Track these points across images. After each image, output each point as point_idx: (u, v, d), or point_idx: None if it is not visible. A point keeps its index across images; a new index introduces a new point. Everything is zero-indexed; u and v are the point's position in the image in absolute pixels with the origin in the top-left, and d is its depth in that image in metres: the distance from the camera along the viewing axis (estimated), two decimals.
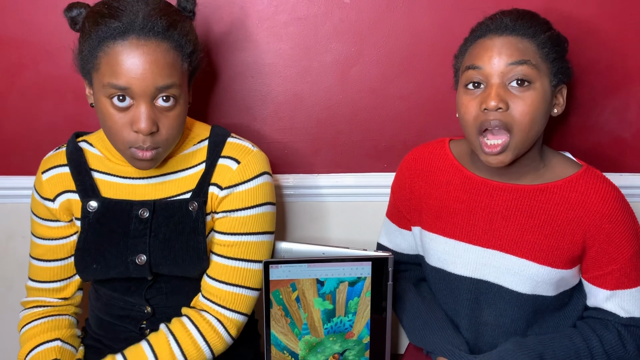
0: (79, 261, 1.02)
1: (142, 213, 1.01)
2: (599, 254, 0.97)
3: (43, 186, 1.04)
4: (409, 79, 1.21)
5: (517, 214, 0.98)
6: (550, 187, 0.98)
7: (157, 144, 0.92)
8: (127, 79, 0.88)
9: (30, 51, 1.21)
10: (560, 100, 0.98)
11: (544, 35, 0.93)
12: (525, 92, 0.91)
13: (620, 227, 0.95)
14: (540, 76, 0.92)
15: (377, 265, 0.97)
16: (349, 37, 1.19)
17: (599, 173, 0.99)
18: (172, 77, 0.91)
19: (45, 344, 1.04)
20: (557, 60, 0.94)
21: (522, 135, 0.92)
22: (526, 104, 0.91)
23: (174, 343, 0.99)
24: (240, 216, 1.01)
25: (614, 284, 0.97)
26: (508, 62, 0.91)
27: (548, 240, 0.97)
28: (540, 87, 0.92)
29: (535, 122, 0.92)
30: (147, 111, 0.89)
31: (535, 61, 0.91)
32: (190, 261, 1.01)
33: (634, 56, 1.18)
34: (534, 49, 0.92)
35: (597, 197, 0.95)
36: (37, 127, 1.27)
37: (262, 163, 1.03)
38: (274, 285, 0.97)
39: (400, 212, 1.12)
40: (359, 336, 1.02)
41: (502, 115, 0.91)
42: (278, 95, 1.23)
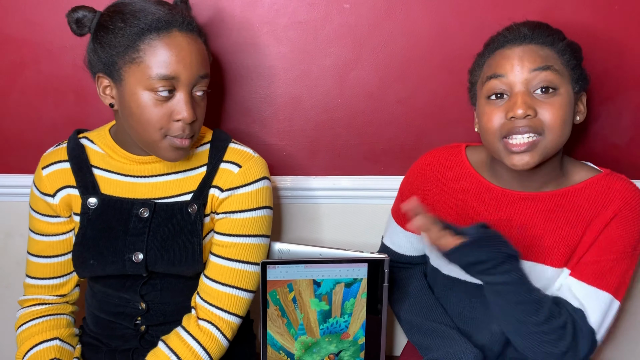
0: (76, 257, 1.03)
1: (143, 212, 1.02)
2: (597, 242, 0.95)
3: (43, 181, 1.05)
4: (406, 84, 1.22)
5: (535, 221, 0.98)
6: (571, 191, 0.98)
7: (194, 132, 0.97)
8: (176, 68, 0.92)
9: (32, 50, 1.22)
10: (582, 108, 0.97)
11: (562, 42, 0.93)
12: (552, 98, 0.91)
13: (627, 225, 0.94)
14: (564, 82, 0.92)
15: (373, 266, 0.98)
16: (348, 41, 1.20)
17: (623, 176, 0.98)
18: (208, 68, 0.98)
19: (44, 343, 1.05)
20: (577, 68, 0.94)
21: (553, 137, 0.91)
22: (555, 108, 0.90)
23: (175, 357, 0.99)
24: (239, 218, 1.03)
25: (583, 274, 0.95)
26: (532, 68, 0.90)
27: (566, 242, 0.97)
28: (565, 92, 0.92)
29: (566, 125, 0.92)
30: (191, 100, 0.95)
31: (558, 67, 0.91)
32: (185, 262, 1.02)
33: (627, 63, 1.19)
34: (555, 56, 0.92)
35: (617, 194, 0.95)
36: (37, 126, 1.27)
37: (263, 168, 1.05)
38: (271, 286, 0.98)
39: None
40: (355, 337, 1.03)
41: (531, 121, 0.90)
42: (277, 98, 1.24)
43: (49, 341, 1.05)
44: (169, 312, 1.07)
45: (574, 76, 0.94)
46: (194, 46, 0.94)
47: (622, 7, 1.16)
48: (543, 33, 0.93)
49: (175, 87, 0.93)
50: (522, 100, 0.90)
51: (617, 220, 0.94)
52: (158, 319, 1.08)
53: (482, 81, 0.96)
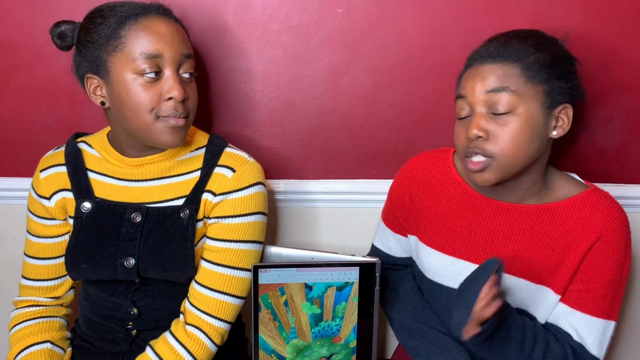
0: (69, 260, 1.03)
1: (135, 217, 1.02)
2: (582, 268, 0.95)
3: (40, 184, 1.06)
4: (399, 88, 1.23)
5: (518, 234, 0.98)
6: (553, 207, 0.97)
7: (187, 112, 0.98)
8: (159, 46, 0.94)
9: (25, 54, 1.22)
10: (564, 122, 0.94)
11: (532, 57, 0.90)
12: (506, 119, 0.90)
13: (611, 249, 0.93)
14: (524, 101, 0.90)
15: (364, 270, 0.99)
16: (341, 46, 1.21)
17: (607, 194, 0.97)
18: (191, 49, 0.99)
19: (35, 345, 1.05)
20: (551, 80, 0.91)
21: (505, 160, 0.91)
22: (506, 131, 0.90)
23: None
24: (231, 223, 1.03)
25: (577, 303, 0.96)
26: (486, 89, 0.90)
27: (547, 261, 0.97)
28: (525, 112, 0.90)
29: (520, 149, 0.90)
30: (178, 78, 0.96)
31: (516, 86, 0.89)
32: (177, 267, 1.02)
33: (618, 69, 1.20)
34: (517, 73, 0.90)
35: (599, 216, 0.93)
36: (30, 129, 1.28)
37: (257, 173, 1.05)
38: (262, 289, 0.98)
39: (397, 219, 1.12)
40: (346, 340, 1.03)
41: (483, 143, 0.91)
42: (270, 101, 1.25)
43: (41, 344, 1.05)
44: (160, 318, 1.07)
45: (545, 90, 0.91)
46: (173, 27, 0.97)
47: (613, 13, 1.17)
48: (510, 48, 0.91)
49: (161, 68, 0.94)
50: (475, 122, 0.91)
51: (600, 244, 0.93)
52: (150, 324, 1.08)
53: (455, 98, 0.98)
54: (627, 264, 0.95)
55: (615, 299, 0.95)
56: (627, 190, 1.28)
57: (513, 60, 0.90)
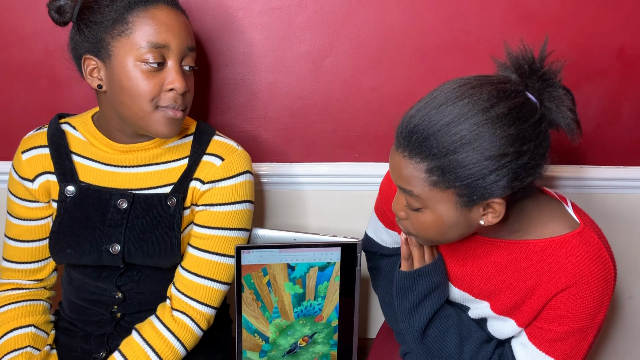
0: (53, 244, 1.03)
1: (121, 203, 1.02)
2: (546, 310, 0.89)
3: (22, 166, 1.05)
4: (380, 71, 1.24)
5: (491, 267, 0.93)
6: (531, 245, 0.89)
7: (185, 105, 0.98)
8: (166, 36, 0.93)
9: (3, 36, 1.20)
10: (494, 212, 0.81)
11: (440, 160, 0.77)
12: (418, 214, 0.84)
13: (579, 302, 0.85)
14: (432, 203, 0.81)
15: (346, 251, 1.00)
16: (323, 28, 1.21)
17: (595, 239, 0.86)
18: (194, 42, 1.00)
19: (19, 329, 1.05)
20: (466, 184, 0.77)
21: (428, 240, 0.88)
22: (419, 222, 0.85)
23: (148, 348, 1.00)
24: (219, 211, 1.03)
25: (535, 337, 0.90)
26: (399, 185, 0.83)
27: (514, 296, 0.91)
28: (433, 212, 0.82)
29: (439, 235, 0.85)
30: (181, 70, 0.96)
31: (419, 191, 0.80)
32: (163, 255, 1.02)
33: (595, 52, 1.22)
34: (420, 177, 0.79)
35: (572, 268, 0.85)
36: (9, 113, 1.26)
37: (246, 162, 1.06)
38: (245, 270, 0.99)
39: (386, 215, 1.11)
40: (328, 319, 1.05)
41: (407, 223, 0.88)
42: (252, 84, 1.25)
43: (24, 327, 1.05)
44: (145, 302, 1.08)
45: (459, 192, 0.79)
46: (181, 18, 0.97)
47: None
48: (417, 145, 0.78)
49: (165, 58, 0.94)
50: (395, 202, 0.88)
51: (566, 294, 0.86)
52: (134, 307, 1.08)
53: None
54: (599, 315, 0.86)
55: (578, 346, 0.88)
56: (604, 171, 1.31)
57: (417, 161, 0.79)
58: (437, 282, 0.97)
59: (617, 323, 1.48)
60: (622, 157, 1.32)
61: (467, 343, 0.96)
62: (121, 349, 1.01)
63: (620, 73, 1.24)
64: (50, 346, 1.07)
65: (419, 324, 0.97)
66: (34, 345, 1.04)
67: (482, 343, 0.97)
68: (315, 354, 1.07)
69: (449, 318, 0.98)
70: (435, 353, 0.97)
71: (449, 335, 0.96)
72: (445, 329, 0.97)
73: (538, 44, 1.00)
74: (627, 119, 1.28)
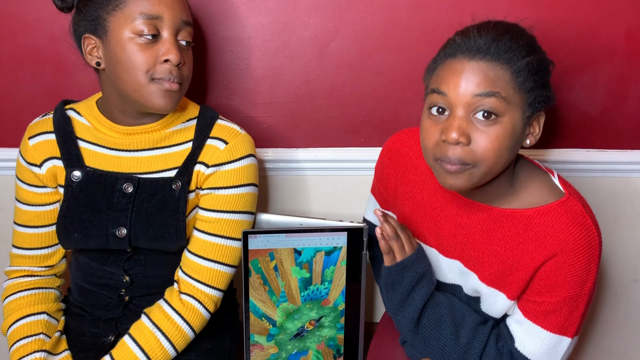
0: (60, 229, 1.03)
1: (127, 187, 1.02)
2: (535, 281, 0.90)
3: (29, 152, 1.05)
4: (386, 55, 1.23)
5: (479, 235, 0.95)
6: (517, 214, 0.90)
7: (181, 79, 0.98)
8: (159, 8, 0.94)
9: (8, 22, 1.20)
10: (536, 130, 0.88)
11: (522, 61, 0.82)
12: (491, 127, 0.82)
13: (566, 270, 0.87)
14: (511, 109, 0.82)
15: (352, 235, 1.00)
16: (328, 12, 1.20)
17: (579, 208, 0.88)
18: (190, 16, 1.00)
19: (32, 316, 1.06)
20: (534, 90, 0.83)
21: (484, 169, 0.84)
22: (491, 138, 0.82)
23: (158, 332, 1.01)
24: (224, 194, 1.04)
25: (529, 312, 0.91)
26: (475, 92, 0.81)
27: (502, 266, 0.93)
28: (509, 120, 0.82)
29: (500, 158, 0.84)
30: (176, 42, 0.96)
31: (506, 92, 0.81)
32: (169, 238, 1.03)
33: (603, 35, 1.21)
34: (507, 78, 0.81)
35: (558, 235, 0.87)
36: (15, 99, 1.26)
37: (249, 146, 1.06)
38: (252, 255, 0.99)
39: (382, 195, 1.13)
40: (335, 303, 1.05)
41: (462, 150, 0.83)
42: (257, 69, 1.25)
43: (37, 315, 1.06)
44: (153, 285, 1.09)
45: (528, 99, 0.83)
46: None
47: None
48: (501, 48, 0.81)
49: (159, 30, 0.94)
50: (457, 124, 0.82)
51: (553, 263, 0.87)
52: (142, 290, 1.09)
53: (428, 90, 0.88)
54: (588, 283, 0.88)
55: (571, 315, 0.89)
56: (611, 155, 1.31)
57: (504, 62, 0.81)
58: (422, 271, 0.97)
59: (622, 306, 1.48)
60: (629, 141, 1.31)
61: (463, 328, 0.96)
62: (131, 333, 1.02)
63: (627, 56, 1.23)
64: (60, 332, 1.08)
65: (411, 316, 0.97)
66: (46, 332, 1.05)
67: (478, 326, 0.97)
68: (322, 337, 1.08)
69: (440, 306, 0.98)
70: (431, 342, 0.97)
71: (444, 323, 0.97)
72: (438, 317, 0.97)
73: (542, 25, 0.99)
74: (634, 102, 1.27)
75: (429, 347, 0.98)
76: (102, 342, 1.08)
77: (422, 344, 0.98)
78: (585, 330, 1.52)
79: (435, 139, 0.86)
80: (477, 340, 0.95)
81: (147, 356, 1.00)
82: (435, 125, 0.86)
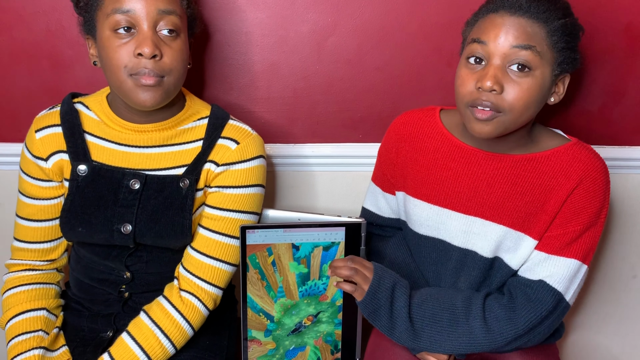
0: (64, 223, 1.03)
1: (133, 184, 1.02)
2: (562, 211, 0.98)
3: (36, 145, 1.04)
4: (384, 51, 1.23)
5: (501, 182, 1.01)
6: (537, 157, 1.00)
7: (161, 71, 0.94)
8: (129, 2, 0.92)
9: (3, 16, 1.19)
10: (560, 89, 0.97)
11: (557, 22, 0.90)
12: (523, 79, 0.90)
13: (590, 195, 0.97)
14: (543, 64, 0.91)
15: (350, 230, 1.00)
16: (326, 7, 1.20)
17: (588, 146, 1.00)
18: (172, 4, 0.95)
19: (31, 311, 1.05)
20: (564, 50, 0.92)
21: (511, 118, 0.92)
22: (522, 89, 0.90)
23: (156, 329, 1.01)
24: (232, 193, 1.04)
25: (552, 248, 0.99)
26: (513, 43, 0.89)
27: (527, 207, 1.00)
28: (540, 75, 0.91)
29: (528, 109, 0.92)
30: (150, 34, 0.93)
31: (541, 48, 0.90)
32: (174, 235, 1.02)
33: (601, 30, 1.21)
34: (542, 35, 0.90)
35: (580, 165, 0.97)
36: (11, 94, 1.25)
37: (260, 147, 1.06)
38: (250, 250, 0.99)
39: (385, 176, 1.14)
40: (333, 299, 1.05)
41: (495, 97, 0.91)
42: (254, 64, 1.24)
43: (37, 310, 1.06)
44: (153, 282, 1.09)
45: (558, 59, 0.92)
46: None
47: None
48: (540, 8, 0.90)
49: (134, 24, 0.93)
50: (492, 73, 0.90)
51: (580, 190, 0.97)
52: (142, 287, 1.09)
53: (468, 41, 0.96)
54: (604, 211, 0.99)
55: (589, 243, 0.99)
56: (609, 151, 1.31)
57: (542, 20, 0.90)
58: (391, 283, 0.99)
59: (620, 302, 1.48)
60: (628, 137, 1.31)
61: (457, 308, 0.99)
62: (130, 331, 1.01)
63: (627, 51, 1.23)
64: (58, 328, 1.08)
65: (404, 326, 0.99)
66: (45, 329, 1.04)
67: (469, 298, 1.01)
68: (320, 332, 1.07)
69: (426, 302, 1.01)
70: (435, 337, 0.99)
71: (437, 315, 0.99)
72: (430, 313, 1.00)
73: None
74: (633, 97, 1.27)
75: (436, 342, 0.99)
76: (100, 337, 1.08)
77: (429, 343, 1.00)
78: (584, 325, 1.52)
79: (471, 87, 0.93)
80: (474, 308, 0.99)
81: (146, 354, 0.99)
82: (472, 74, 0.93)
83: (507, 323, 0.97)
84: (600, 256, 1.43)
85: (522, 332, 0.97)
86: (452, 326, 0.99)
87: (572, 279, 0.98)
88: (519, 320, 0.97)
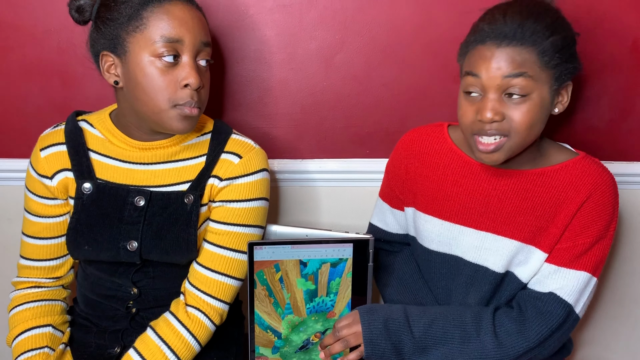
0: (70, 241, 1.03)
1: (138, 201, 1.02)
2: (572, 225, 0.98)
3: (40, 163, 1.05)
4: (391, 67, 1.23)
5: (512, 197, 1.01)
6: (546, 171, 1.00)
7: (200, 103, 0.97)
8: (180, 31, 0.93)
9: (17, 34, 1.21)
10: (564, 98, 0.97)
11: (546, 42, 0.90)
12: (522, 104, 0.91)
13: (599, 209, 0.97)
14: (538, 86, 0.91)
15: (358, 247, 1.00)
16: (333, 24, 1.21)
17: (597, 160, 1.02)
18: (209, 37, 1.00)
19: (37, 328, 1.05)
20: (560, 65, 0.92)
21: (518, 140, 0.94)
22: (522, 113, 0.92)
23: (164, 345, 1.01)
24: (235, 207, 1.04)
25: (562, 260, 0.99)
26: (505, 74, 0.90)
27: (538, 221, 1.00)
28: (538, 96, 0.92)
29: (533, 127, 0.93)
30: (195, 66, 0.96)
31: (533, 72, 0.90)
32: (179, 251, 1.03)
33: (608, 45, 1.21)
34: (533, 59, 0.90)
35: (589, 178, 0.98)
36: (22, 111, 1.27)
37: (263, 160, 1.07)
38: (258, 266, 0.99)
39: (394, 192, 1.15)
40: (340, 315, 1.05)
41: (498, 125, 0.92)
42: (263, 81, 1.25)
43: (43, 327, 1.06)
44: (160, 297, 1.09)
45: (555, 74, 0.92)
46: (195, 13, 0.97)
47: None
48: (526, 32, 0.89)
49: (179, 53, 0.94)
50: (490, 105, 0.91)
51: (590, 203, 0.97)
52: (150, 303, 1.09)
53: (462, 73, 0.97)
54: (612, 225, 0.99)
55: (600, 257, 0.99)
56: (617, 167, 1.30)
57: (530, 44, 0.90)
58: (381, 322, 0.99)
59: (629, 318, 1.47)
60: (637, 152, 1.31)
61: (466, 325, 0.98)
62: (136, 347, 1.01)
63: (634, 66, 1.23)
64: (64, 344, 1.08)
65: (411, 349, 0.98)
66: (51, 345, 1.05)
67: (478, 313, 1.00)
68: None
69: (434, 323, 0.99)
70: (449, 357, 0.98)
71: (447, 333, 0.99)
72: (440, 333, 0.99)
73: None
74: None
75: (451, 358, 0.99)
76: (107, 353, 1.08)
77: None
78: (593, 341, 1.50)
79: (472, 118, 0.95)
80: (484, 323, 0.99)
81: None
82: (472, 105, 0.95)
83: (518, 336, 0.97)
84: (610, 272, 1.42)
85: (534, 345, 0.97)
86: (463, 343, 0.98)
87: (582, 291, 0.98)
88: (530, 333, 0.97)
